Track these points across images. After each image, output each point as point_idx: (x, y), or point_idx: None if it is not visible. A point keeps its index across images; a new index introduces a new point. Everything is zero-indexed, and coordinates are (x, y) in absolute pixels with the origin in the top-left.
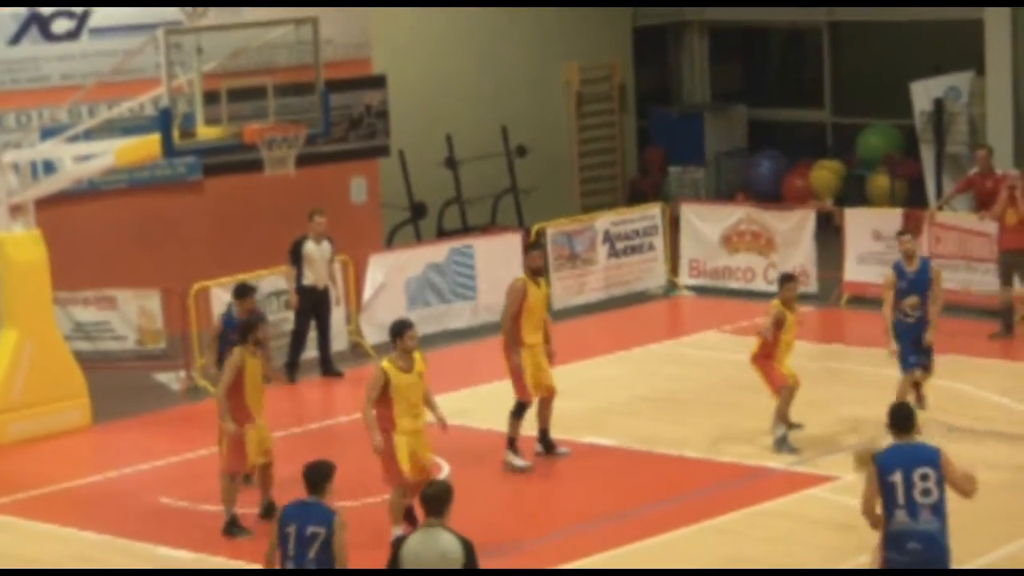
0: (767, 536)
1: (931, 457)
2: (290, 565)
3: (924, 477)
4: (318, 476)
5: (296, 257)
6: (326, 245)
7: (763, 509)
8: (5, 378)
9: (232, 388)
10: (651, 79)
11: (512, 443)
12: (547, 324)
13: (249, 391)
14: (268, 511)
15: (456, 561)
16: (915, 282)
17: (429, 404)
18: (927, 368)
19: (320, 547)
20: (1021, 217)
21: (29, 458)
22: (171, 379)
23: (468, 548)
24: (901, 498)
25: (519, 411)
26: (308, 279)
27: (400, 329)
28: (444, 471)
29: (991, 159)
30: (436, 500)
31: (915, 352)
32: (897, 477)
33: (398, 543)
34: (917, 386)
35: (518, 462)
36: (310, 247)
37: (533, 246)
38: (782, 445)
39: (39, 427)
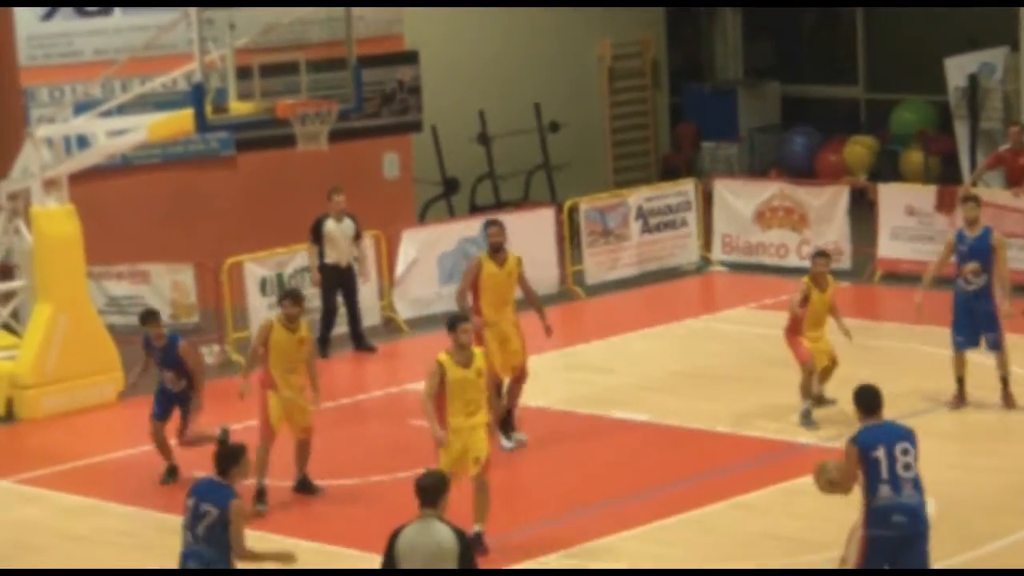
0: (797, 512)
1: (908, 434)
2: (187, 536)
3: (904, 452)
4: (225, 459)
5: (317, 236)
6: (348, 223)
7: (794, 485)
8: (39, 352)
9: (262, 355)
10: (684, 55)
11: (507, 418)
12: (536, 299)
13: (274, 360)
14: (303, 486)
15: (451, 552)
16: (975, 249)
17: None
18: (996, 346)
19: (209, 527)
20: None
21: (63, 431)
22: (205, 353)
23: (463, 540)
24: (885, 473)
25: (517, 383)
26: (330, 257)
27: (453, 323)
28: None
29: (1023, 135)
30: (431, 491)
31: (967, 328)
32: (880, 453)
33: (394, 534)
34: (1004, 382)
35: (505, 442)
36: (330, 226)
37: (491, 222)
38: (806, 420)
39: (73, 401)
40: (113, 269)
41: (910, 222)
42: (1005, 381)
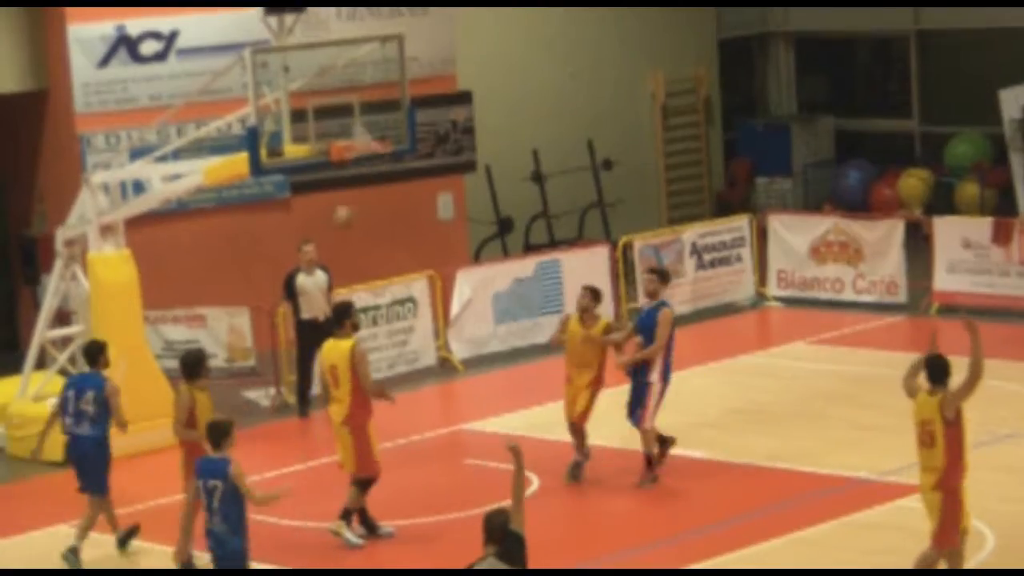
0: (857, 547)
1: None
2: (207, 514)
3: None
4: (216, 433)
5: (290, 291)
6: (320, 274)
7: (853, 520)
8: None
9: (188, 424)
10: (737, 91)
11: (348, 515)
12: None
13: (202, 426)
14: None
15: None
16: None
17: None
18: None
19: (221, 499)
20: None
21: (123, 476)
22: (260, 396)
23: (518, 558)
24: None
25: (364, 486)
26: (306, 313)
27: None
28: (534, 485)
29: None
30: (497, 529)
31: None
32: None
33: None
34: None
35: (354, 538)
36: (302, 279)
37: (345, 306)
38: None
39: (132, 445)
40: (169, 313)
41: (966, 255)
42: None
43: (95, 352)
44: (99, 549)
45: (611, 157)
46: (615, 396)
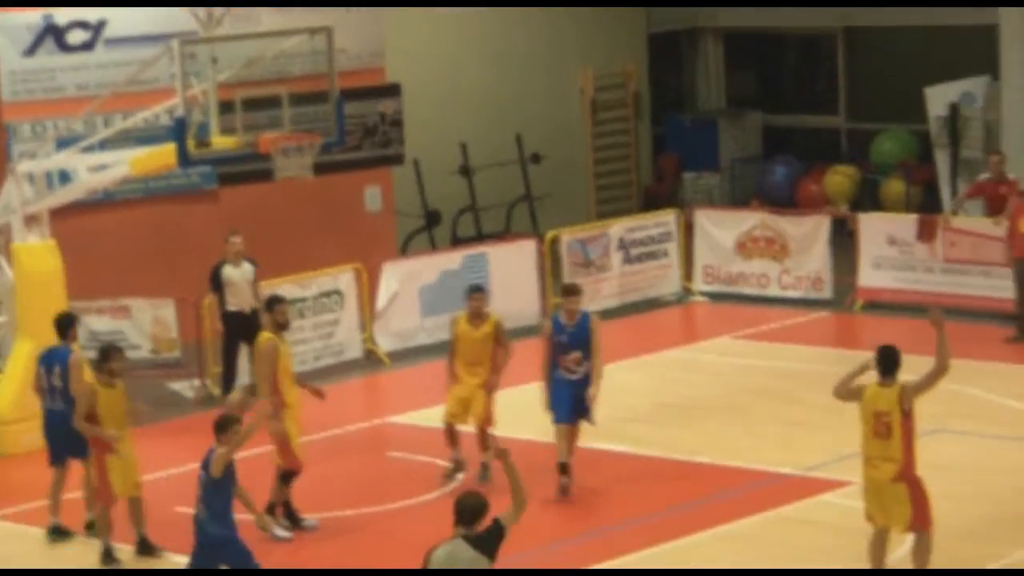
0: (780, 541)
1: None
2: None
3: None
4: (61, 324)
5: (216, 283)
6: (247, 266)
7: (776, 514)
8: (20, 388)
9: (89, 418)
10: (666, 86)
11: (272, 508)
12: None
13: (106, 422)
14: (143, 547)
15: (483, 563)
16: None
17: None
18: None
19: (202, 488)
20: None
21: (43, 467)
22: (185, 387)
23: (489, 548)
24: None
25: (286, 479)
26: (232, 304)
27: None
28: (459, 478)
29: (1003, 165)
30: (468, 512)
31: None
32: None
33: (428, 553)
34: None
35: (280, 532)
36: (228, 271)
37: (276, 300)
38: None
39: None
40: (94, 304)
41: (891, 251)
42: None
43: (64, 325)
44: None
45: (539, 151)
46: (515, 394)
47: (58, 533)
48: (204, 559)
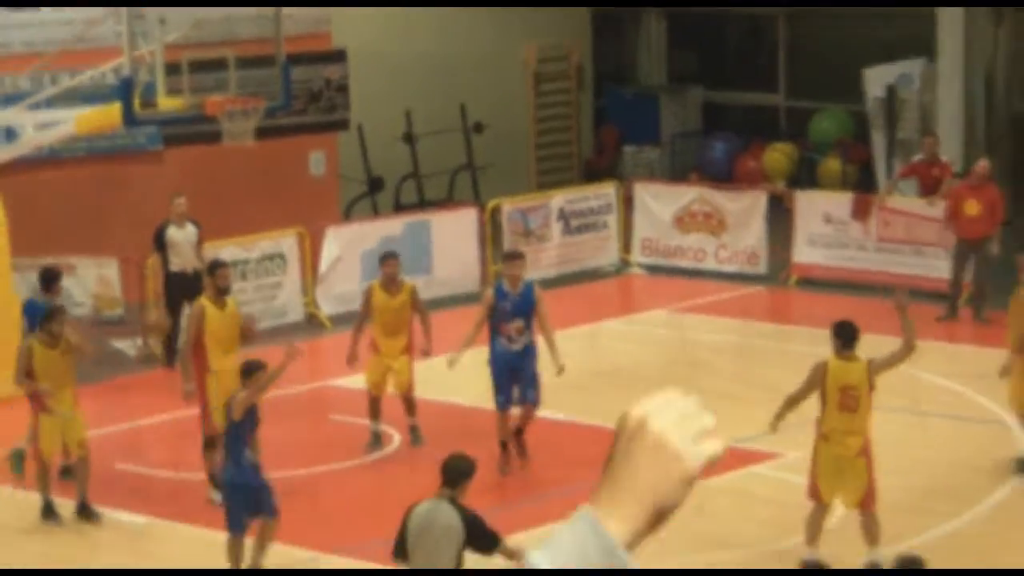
0: (710, 511)
1: None
2: None
3: None
4: (46, 277)
5: (160, 244)
6: (190, 228)
7: (708, 484)
8: None
9: (28, 375)
10: (609, 59)
11: (212, 479)
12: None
13: (42, 381)
14: (82, 511)
15: (456, 533)
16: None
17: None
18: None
19: (226, 431)
20: (980, 208)
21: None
22: (128, 346)
23: (469, 523)
24: None
25: (208, 445)
26: (175, 265)
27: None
28: (394, 443)
29: (937, 147)
30: (453, 472)
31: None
32: None
33: (409, 509)
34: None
35: (217, 496)
36: (172, 232)
37: (217, 265)
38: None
39: None
40: (38, 261)
41: (826, 229)
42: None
43: (48, 279)
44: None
45: (483, 121)
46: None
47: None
48: (234, 504)
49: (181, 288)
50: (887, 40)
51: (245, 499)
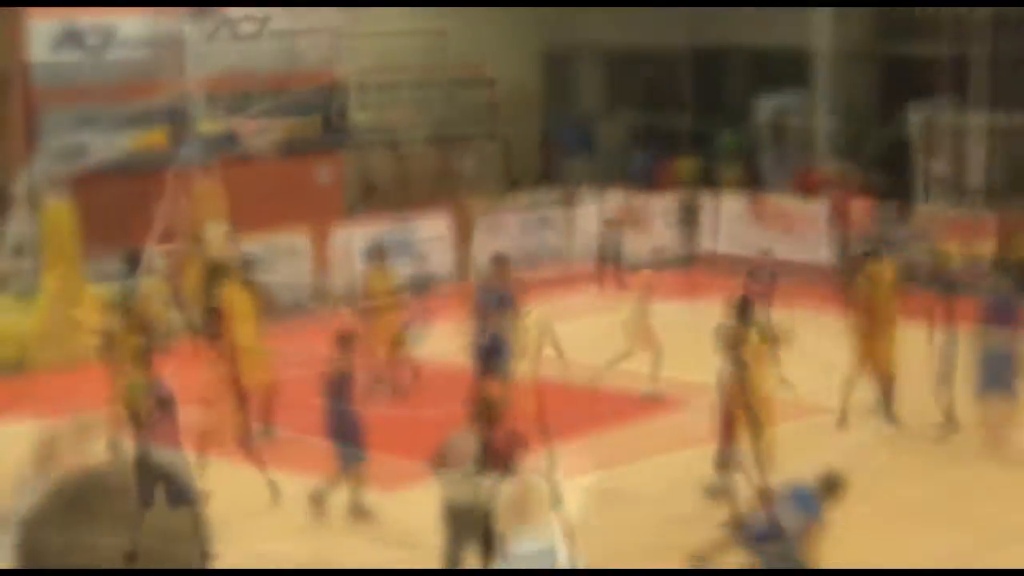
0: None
1: None
2: None
3: None
4: (130, 260)
5: None
6: None
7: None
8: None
9: None
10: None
11: None
12: None
13: None
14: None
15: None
16: None
17: None
18: None
19: None
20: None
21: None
22: None
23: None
24: None
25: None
26: None
27: None
28: None
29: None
30: (482, 411)
31: None
32: None
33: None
34: None
35: None
36: None
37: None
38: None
39: None
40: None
41: (726, 223)
42: None
43: (132, 261)
44: None
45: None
46: None
47: None
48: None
49: None
50: (774, 74)
51: None
